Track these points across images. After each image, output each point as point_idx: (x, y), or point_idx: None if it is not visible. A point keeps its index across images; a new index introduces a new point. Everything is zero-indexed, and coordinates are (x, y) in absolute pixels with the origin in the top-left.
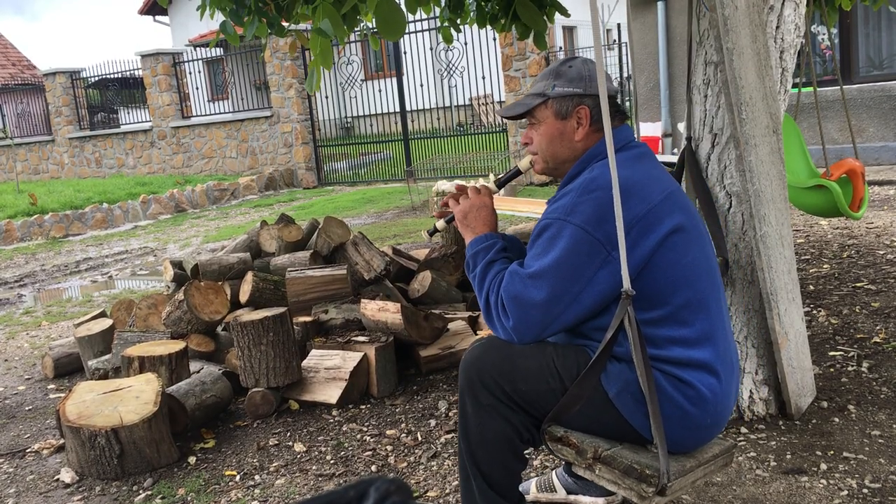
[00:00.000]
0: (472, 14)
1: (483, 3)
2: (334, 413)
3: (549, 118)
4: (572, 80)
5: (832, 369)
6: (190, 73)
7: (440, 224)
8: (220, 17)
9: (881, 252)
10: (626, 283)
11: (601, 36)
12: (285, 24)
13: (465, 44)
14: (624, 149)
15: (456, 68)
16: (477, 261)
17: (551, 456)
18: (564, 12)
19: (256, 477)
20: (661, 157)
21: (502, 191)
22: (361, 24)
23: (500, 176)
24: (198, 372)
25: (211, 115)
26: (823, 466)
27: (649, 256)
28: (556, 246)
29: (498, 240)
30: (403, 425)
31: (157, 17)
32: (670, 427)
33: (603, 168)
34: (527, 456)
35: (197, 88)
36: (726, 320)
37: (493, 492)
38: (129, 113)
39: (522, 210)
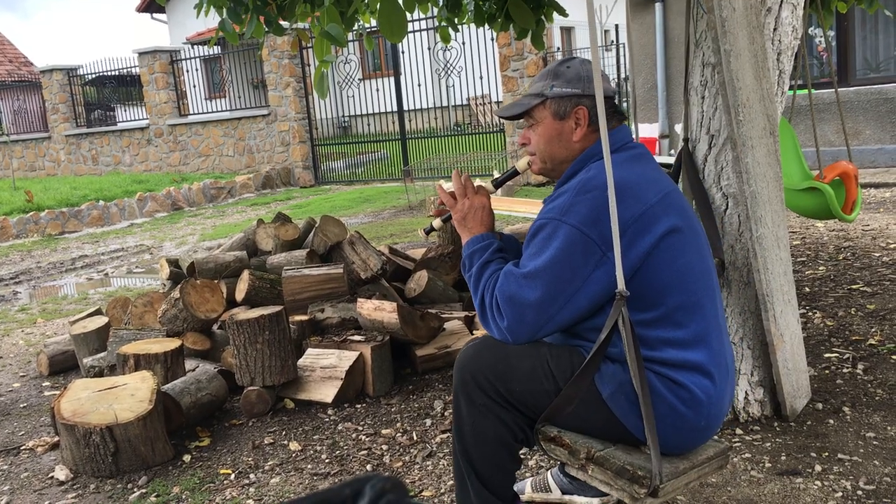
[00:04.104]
0: (469, 13)
1: (480, 3)
2: (330, 412)
3: (548, 118)
4: (570, 81)
5: (827, 371)
6: (187, 71)
7: (437, 223)
8: (217, 14)
9: (877, 254)
10: (621, 284)
11: (598, 37)
12: (285, 22)
13: (463, 44)
14: (621, 149)
15: (454, 68)
16: (473, 261)
17: (546, 456)
18: (562, 12)
19: (251, 475)
20: (658, 159)
21: (499, 191)
22: (358, 24)
23: (497, 176)
24: (193, 370)
25: (208, 113)
26: (818, 468)
27: (644, 257)
28: (550, 246)
29: (494, 240)
30: (399, 425)
31: (155, 15)
32: (664, 428)
33: (599, 168)
34: (522, 456)
35: (194, 86)
36: (722, 322)
37: (487, 491)
38: (126, 110)
39: (519, 210)
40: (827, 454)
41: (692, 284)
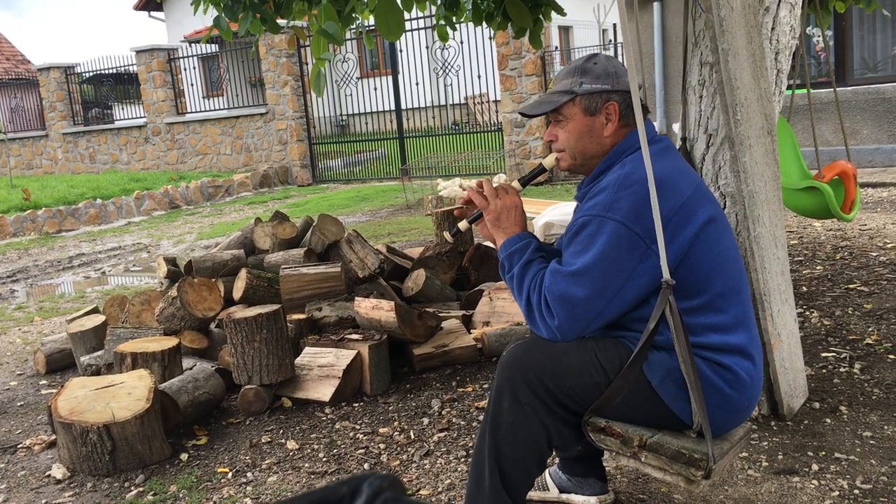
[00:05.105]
0: (467, 12)
1: (479, 1)
2: (327, 411)
3: (578, 115)
4: (599, 77)
5: (824, 370)
6: (185, 70)
7: (463, 225)
8: (214, 12)
9: (874, 254)
10: (666, 273)
11: (599, 36)
12: (282, 21)
13: (461, 43)
14: (651, 143)
15: (451, 67)
16: (513, 262)
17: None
18: (560, 11)
19: (248, 474)
20: None
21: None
22: (357, 22)
23: (524, 175)
24: (191, 369)
25: (206, 111)
26: (815, 467)
27: (687, 247)
28: (596, 242)
29: (532, 240)
30: (396, 423)
31: (153, 13)
32: (711, 411)
33: (635, 163)
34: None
35: (192, 85)
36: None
37: (504, 491)
38: (123, 109)
39: None
40: (824, 453)
41: (731, 271)
